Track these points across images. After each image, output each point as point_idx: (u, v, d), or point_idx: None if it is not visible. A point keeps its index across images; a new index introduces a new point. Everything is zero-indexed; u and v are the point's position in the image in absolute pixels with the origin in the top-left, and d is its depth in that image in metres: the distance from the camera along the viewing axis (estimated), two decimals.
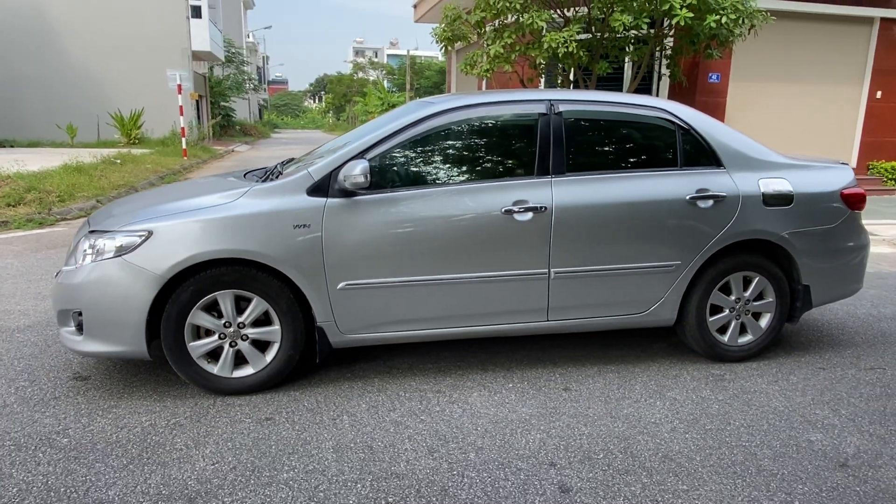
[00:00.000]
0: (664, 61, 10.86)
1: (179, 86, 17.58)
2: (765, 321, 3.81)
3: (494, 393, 3.29)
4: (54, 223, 8.27)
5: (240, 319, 3.14)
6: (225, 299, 3.09)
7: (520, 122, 3.47)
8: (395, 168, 3.30)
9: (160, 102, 22.24)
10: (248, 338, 3.17)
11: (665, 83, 11.72)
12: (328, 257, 3.12)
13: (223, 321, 3.12)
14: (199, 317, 3.08)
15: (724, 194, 3.55)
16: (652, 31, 9.88)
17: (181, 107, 17.76)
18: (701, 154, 3.63)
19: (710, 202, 3.53)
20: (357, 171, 3.03)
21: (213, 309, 3.13)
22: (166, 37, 23.26)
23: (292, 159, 4.16)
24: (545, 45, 9.24)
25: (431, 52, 64.69)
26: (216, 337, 3.14)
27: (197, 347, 3.11)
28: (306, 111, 77.44)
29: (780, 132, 12.73)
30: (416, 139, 3.32)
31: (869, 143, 13.21)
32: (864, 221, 4.02)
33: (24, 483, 2.43)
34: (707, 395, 3.33)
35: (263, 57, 66.40)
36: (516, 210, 3.28)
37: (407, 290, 3.25)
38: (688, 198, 3.50)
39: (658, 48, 10.32)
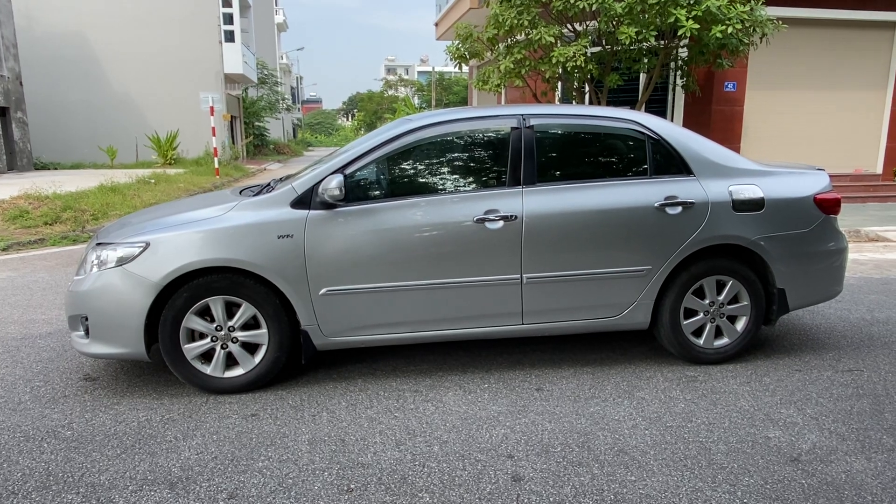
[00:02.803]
0: (678, 72, 10.92)
1: (212, 108, 18.30)
2: (740, 324, 3.90)
3: (469, 392, 3.47)
4: (87, 240, 8.75)
5: (230, 323, 3.40)
6: (216, 305, 3.35)
7: (493, 136, 3.67)
8: (373, 181, 3.53)
9: (195, 124, 23.15)
10: (237, 340, 3.43)
11: (680, 94, 11.76)
12: (310, 265, 3.36)
13: (215, 325, 3.39)
14: (192, 321, 3.35)
15: (692, 201, 3.68)
16: (662, 42, 9.98)
17: (213, 127, 18.46)
18: (671, 163, 3.77)
19: (679, 209, 3.67)
20: (333, 185, 3.28)
21: (205, 314, 3.40)
22: (200, 61, 24.24)
23: (289, 176, 4.44)
24: (554, 60, 9.43)
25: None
26: (209, 340, 3.40)
27: (191, 349, 3.38)
28: (339, 129, 78.93)
29: (801, 140, 12.61)
30: (394, 154, 3.55)
31: (894, 148, 12.97)
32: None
33: (27, 469, 2.71)
34: (675, 395, 3.45)
35: (297, 77, 68.06)
36: (488, 219, 3.48)
37: (385, 296, 3.46)
38: (656, 205, 3.64)
39: (671, 59, 10.40)
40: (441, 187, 3.57)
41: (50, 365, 3.92)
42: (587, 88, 10.79)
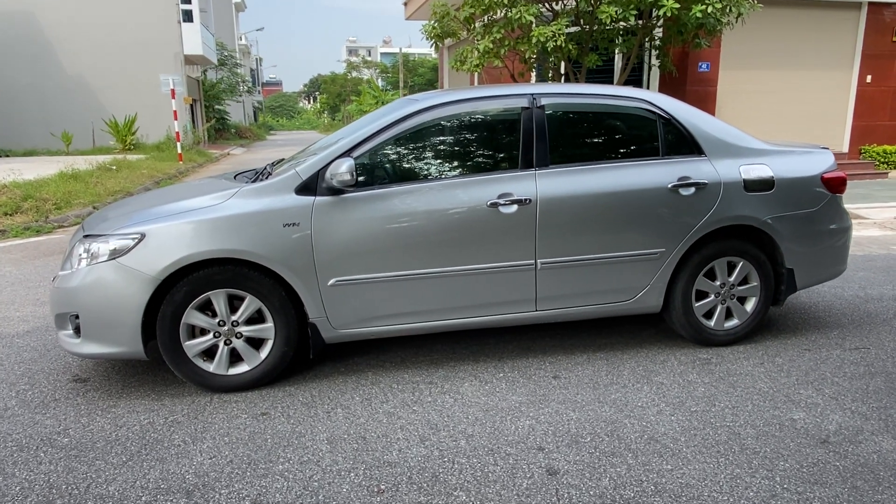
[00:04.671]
0: (653, 52, 10.92)
1: (173, 90, 17.63)
2: (750, 305, 3.88)
3: (485, 382, 3.37)
4: (51, 231, 8.33)
5: (233, 318, 3.21)
6: (218, 298, 3.16)
7: (503, 116, 3.54)
8: (381, 165, 3.37)
9: (154, 107, 22.32)
10: (242, 336, 3.24)
11: (655, 74, 11.77)
12: (318, 254, 3.19)
13: (217, 320, 3.19)
14: (193, 316, 3.15)
15: (705, 181, 3.61)
16: (640, 22, 9.93)
17: (175, 111, 17.82)
18: (682, 143, 3.70)
19: (692, 189, 3.60)
20: (343, 169, 3.10)
21: (207, 308, 3.20)
22: (158, 42, 23.32)
23: (282, 160, 4.23)
24: (534, 40, 9.29)
25: (424, 49, 64.69)
26: (211, 336, 3.21)
27: (192, 346, 3.19)
28: (301, 112, 77.46)
29: (772, 119, 12.79)
30: (401, 136, 3.38)
31: (860, 127, 13.28)
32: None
33: (26, 482, 2.50)
34: (693, 379, 3.40)
35: (256, 59, 66.39)
36: (501, 203, 3.35)
37: (396, 285, 3.32)
38: (670, 186, 3.57)
39: (647, 39, 10.37)
40: (451, 171, 3.42)
41: (33, 366, 3.66)
42: (565, 69, 10.69)
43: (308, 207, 3.19)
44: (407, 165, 3.39)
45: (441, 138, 3.47)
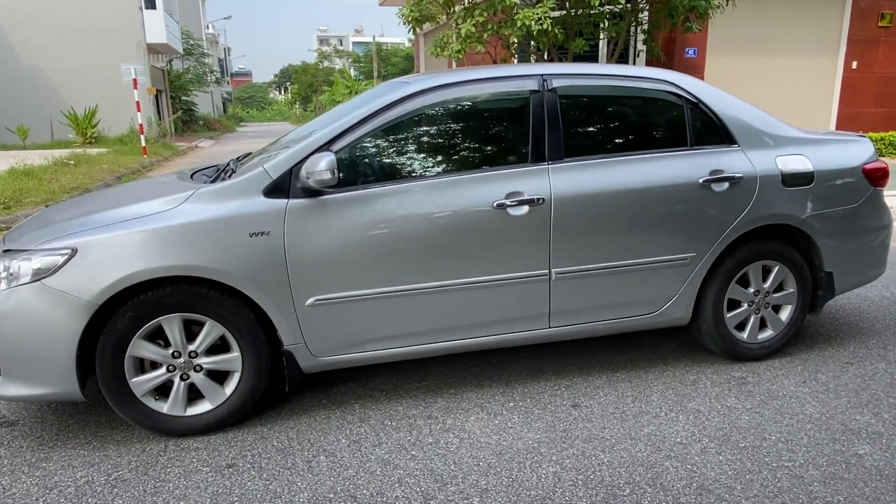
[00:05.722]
0: (640, 37, 10.49)
1: (135, 80, 16.76)
2: (785, 314, 3.43)
3: (494, 415, 2.86)
4: None
5: (191, 348, 2.65)
6: (171, 325, 2.60)
7: (509, 101, 3.02)
8: (367, 160, 2.83)
9: (116, 99, 21.27)
10: (202, 368, 2.68)
11: (642, 60, 11.35)
12: (293, 269, 2.65)
13: (171, 351, 2.63)
14: (141, 347, 2.59)
15: (740, 175, 3.15)
16: (629, 5, 9.48)
17: (138, 102, 16.92)
18: (712, 131, 3.22)
19: (726, 185, 3.13)
20: (322, 166, 2.55)
21: (157, 337, 2.64)
22: (119, 30, 22.23)
23: (249, 154, 3.66)
24: (518, 23, 8.78)
25: (397, 38, 63.76)
26: (164, 370, 2.65)
27: (141, 383, 2.62)
28: (272, 103, 75.80)
29: (759, 106, 12.48)
30: (390, 125, 2.84)
31: (846, 114, 13.05)
32: None
33: None
34: (733, 404, 2.94)
35: (225, 49, 64.76)
36: (510, 204, 2.84)
37: (387, 303, 2.79)
38: (701, 181, 3.09)
39: (634, 23, 9.93)
40: (449, 166, 2.90)
41: None
42: (550, 55, 10.19)
43: (279, 213, 2.64)
44: (397, 160, 2.85)
45: (437, 128, 2.94)
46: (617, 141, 3.10)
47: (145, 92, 20.50)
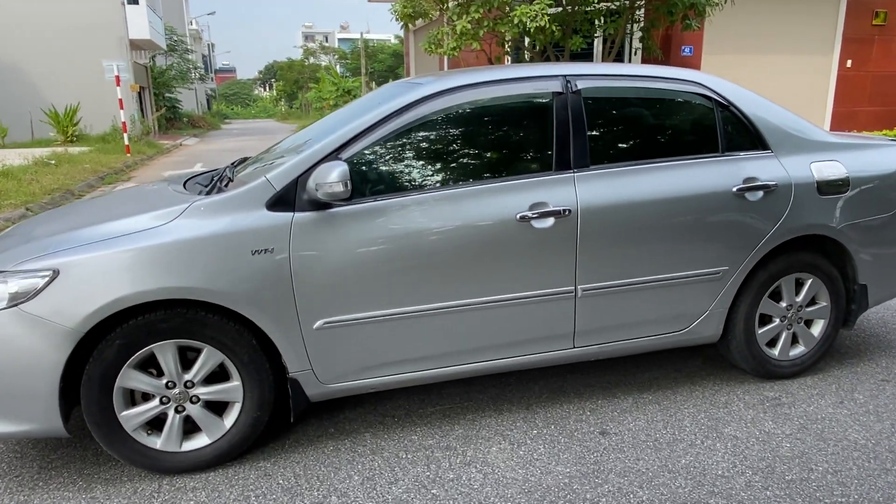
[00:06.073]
0: (637, 34, 10.32)
1: (118, 77, 16.32)
2: (818, 329, 3.25)
3: (518, 444, 2.64)
4: None
5: (187, 377, 2.40)
6: (165, 352, 2.35)
7: (530, 104, 2.79)
8: (379, 169, 2.58)
9: (98, 96, 20.76)
10: (199, 399, 2.44)
11: (638, 58, 11.18)
12: (300, 289, 2.41)
13: (165, 381, 2.38)
14: (131, 377, 2.34)
15: (774, 183, 2.95)
16: (626, 2, 9.29)
17: (121, 100, 16.51)
18: (744, 135, 3.02)
19: (760, 193, 2.93)
20: (334, 177, 2.31)
21: (150, 365, 2.39)
22: (101, 25, 21.70)
23: (246, 159, 3.40)
24: (515, 20, 8.57)
25: (383, 34, 63.27)
26: (157, 402, 2.40)
27: (132, 417, 2.37)
28: (257, 100, 75.00)
29: None
30: (404, 130, 2.61)
31: (841, 113, 12.98)
32: None
33: None
34: (771, 430, 2.74)
35: (209, 45, 63.94)
36: (534, 216, 2.61)
37: (404, 324, 2.56)
38: (735, 189, 2.89)
39: (631, 20, 9.75)
40: (467, 175, 2.66)
41: None
42: (546, 53, 9.98)
43: (285, 228, 2.39)
44: (411, 169, 2.62)
45: (453, 133, 2.70)
46: (645, 147, 2.89)
47: (128, 89, 20.04)
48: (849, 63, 12.83)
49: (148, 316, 2.29)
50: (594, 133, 2.80)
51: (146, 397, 2.41)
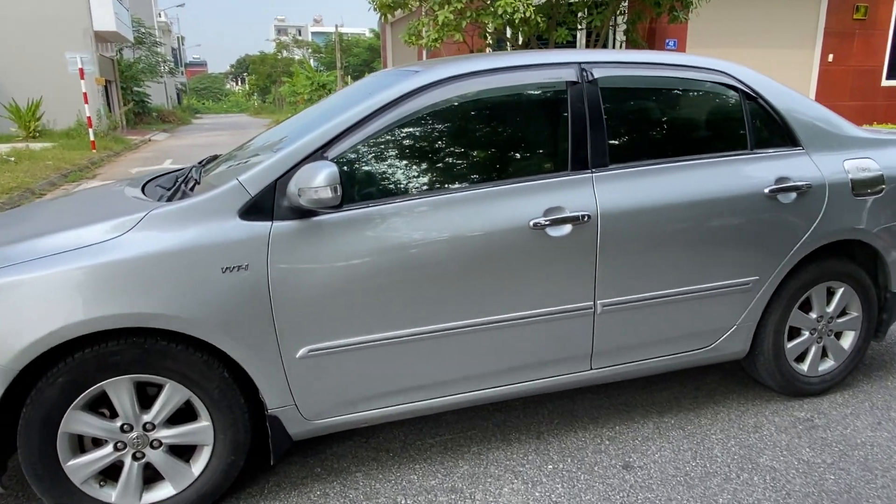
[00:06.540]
0: (621, 27, 10.07)
1: (82, 70, 15.63)
2: (848, 341, 2.98)
3: (532, 484, 2.32)
4: None
5: (146, 418, 2.03)
6: (119, 390, 1.97)
7: (542, 95, 2.46)
8: (373, 170, 2.23)
9: (62, 90, 19.89)
10: (161, 444, 2.07)
11: None
12: (281, 312, 2.05)
13: (119, 423, 2.01)
14: (79, 420, 1.96)
15: (808, 183, 2.66)
16: None
17: (85, 93, 15.80)
18: (773, 130, 2.73)
19: (793, 195, 2.64)
20: (320, 181, 1.95)
21: (102, 405, 2.01)
22: (64, 17, 20.83)
23: (215, 157, 3.02)
24: (499, 11, 8.24)
25: (358, 28, 62.50)
26: (110, 448, 2.02)
27: (80, 467, 1.99)
28: (229, 94, 73.51)
29: None
30: (400, 125, 2.26)
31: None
32: None
33: None
34: (811, 458, 2.46)
35: (178, 38, 62.46)
36: (548, 223, 2.29)
37: (401, 349, 2.22)
38: (767, 191, 2.60)
39: (616, 13, 9.49)
40: (472, 177, 2.32)
41: None
42: (530, 45, 9.68)
43: (261, 240, 2.03)
44: (409, 171, 2.27)
45: (456, 128, 2.36)
46: (668, 143, 2.58)
47: (93, 82, 19.26)
48: (830, 57, 12.77)
49: (97, 348, 1.92)
50: (613, 128, 2.48)
51: (97, 443, 2.03)
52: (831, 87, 12.86)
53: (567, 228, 2.32)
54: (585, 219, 2.33)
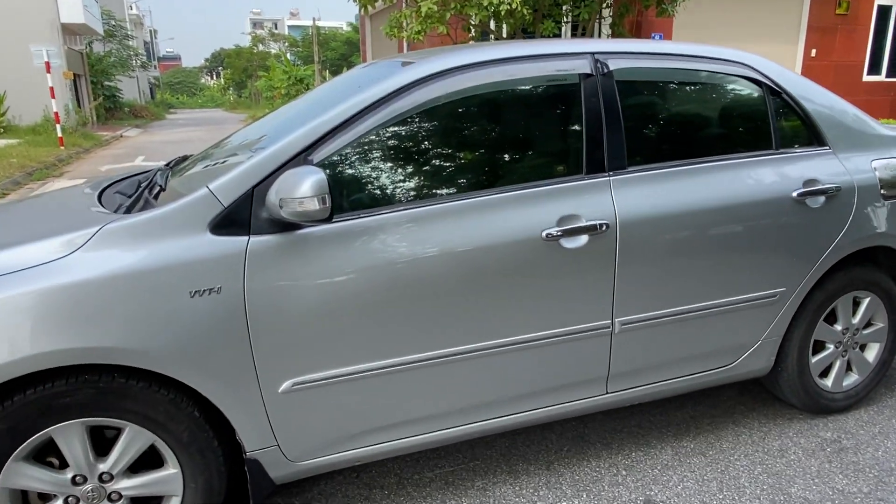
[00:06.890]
0: (607, 20, 9.88)
1: (48, 63, 15.02)
2: (873, 354, 2.79)
3: None
4: None
5: (103, 467, 1.74)
6: (70, 436, 1.68)
7: (553, 89, 2.20)
8: (364, 176, 1.96)
9: (27, 84, 19.16)
10: (120, 497, 1.78)
11: None
12: (260, 341, 1.77)
13: (71, 474, 1.72)
14: (20, 474, 1.66)
15: (837, 186, 2.45)
16: None
17: (52, 88, 15.20)
18: (799, 128, 2.51)
19: (822, 199, 2.43)
20: (305, 190, 1.67)
21: (50, 453, 1.72)
22: (28, 8, 20.05)
23: (186, 157, 2.72)
24: (484, 3, 7.98)
25: (335, 22, 61.73)
26: (60, 503, 1.73)
27: None
28: (203, 88, 72.17)
29: None
30: (393, 123, 1.99)
31: None
32: None
33: None
34: (845, 487, 2.26)
35: (151, 31, 61.14)
36: (562, 234, 2.03)
37: (400, 378, 1.95)
38: (795, 194, 2.37)
39: (603, 5, 9.28)
40: (476, 182, 2.06)
41: None
42: (517, 38, 9.42)
43: (236, 258, 1.74)
44: (405, 176, 2.00)
45: (457, 128, 2.10)
46: (690, 143, 2.34)
47: (61, 76, 18.62)
48: (813, 52, 12.74)
49: (41, 389, 1.62)
50: (630, 126, 2.23)
51: (45, 498, 1.73)
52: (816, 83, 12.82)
53: (583, 239, 2.07)
54: (604, 228, 2.08)
